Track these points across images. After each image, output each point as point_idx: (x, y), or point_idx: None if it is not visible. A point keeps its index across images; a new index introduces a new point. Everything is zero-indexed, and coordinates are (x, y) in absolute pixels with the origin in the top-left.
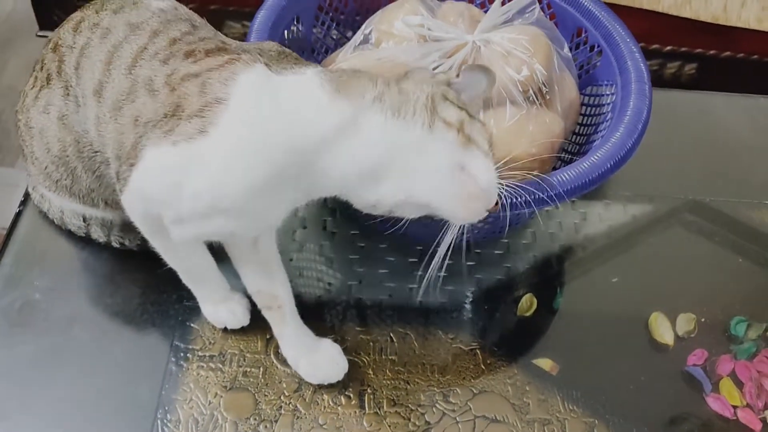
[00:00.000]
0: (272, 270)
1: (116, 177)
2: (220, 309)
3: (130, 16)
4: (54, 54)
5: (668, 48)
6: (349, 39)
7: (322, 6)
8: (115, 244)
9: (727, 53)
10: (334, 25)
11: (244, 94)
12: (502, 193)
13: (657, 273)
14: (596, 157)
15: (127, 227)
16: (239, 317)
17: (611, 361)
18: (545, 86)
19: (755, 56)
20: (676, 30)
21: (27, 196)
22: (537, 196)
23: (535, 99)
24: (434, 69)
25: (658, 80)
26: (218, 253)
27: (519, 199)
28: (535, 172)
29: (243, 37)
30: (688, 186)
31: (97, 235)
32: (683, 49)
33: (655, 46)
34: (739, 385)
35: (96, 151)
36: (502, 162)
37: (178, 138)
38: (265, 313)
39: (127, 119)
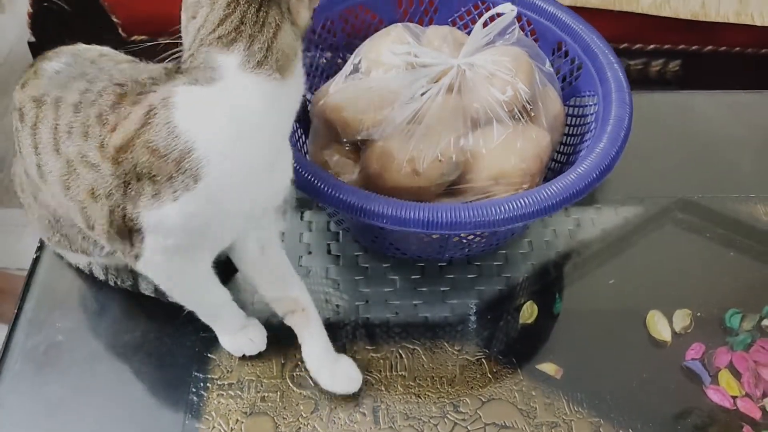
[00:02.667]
0: (286, 274)
1: (121, 252)
2: (238, 338)
3: (32, 89)
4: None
5: (651, 47)
6: (338, 61)
7: (312, 33)
8: (111, 284)
9: (710, 47)
10: (324, 50)
11: (199, 130)
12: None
13: (651, 272)
14: (583, 168)
15: (123, 268)
16: (257, 343)
17: (612, 360)
18: (529, 103)
19: (737, 48)
20: (658, 29)
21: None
22: (529, 210)
23: (521, 116)
24: (422, 94)
25: (644, 79)
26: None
27: (513, 214)
28: (525, 186)
29: None
30: (676, 185)
31: (98, 273)
32: (666, 46)
33: (638, 45)
34: (737, 375)
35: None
36: (493, 179)
37: (175, 194)
38: (289, 320)
39: (82, 194)
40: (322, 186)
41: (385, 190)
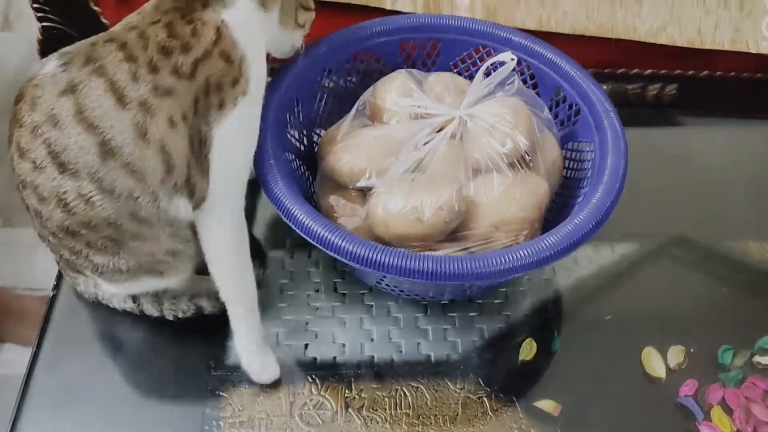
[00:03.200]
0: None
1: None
2: (260, 357)
3: (48, 96)
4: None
5: (648, 71)
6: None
7: (318, 86)
8: (169, 317)
9: (706, 72)
10: (330, 97)
11: (243, 40)
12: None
13: (647, 308)
14: (579, 219)
15: (179, 295)
16: (273, 370)
17: (609, 397)
18: (528, 154)
19: (732, 73)
20: (655, 55)
21: (59, 277)
22: (528, 262)
23: (520, 166)
24: (425, 144)
25: (641, 102)
26: None
27: (513, 265)
28: (525, 232)
29: None
30: (671, 222)
31: (150, 311)
32: (663, 71)
33: (635, 70)
34: (729, 412)
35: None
36: (494, 226)
37: (236, 99)
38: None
39: (161, 129)
40: (329, 237)
41: (390, 237)
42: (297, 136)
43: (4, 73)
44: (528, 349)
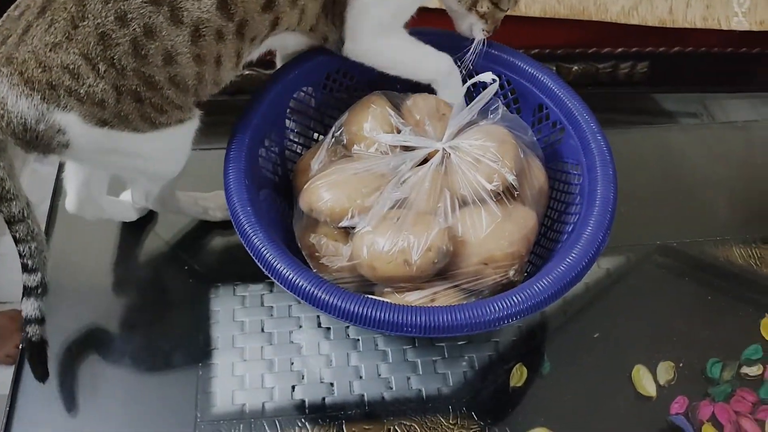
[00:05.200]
0: None
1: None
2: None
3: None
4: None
5: (620, 50)
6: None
7: (290, 111)
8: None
9: (677, 49)
10: (300, 117)
11: None
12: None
13: (634, 322)
14: (572, 257)
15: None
16: None
17: (601, 419)
18: (515, 187)
19: (703, 49)
20: (627, 34)
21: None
22: (520, 308)
23: (506, 199)
24: (405, 179)
25: (612, 80)
26: None
27: (508, 312)
28: (515, 266)
29: None
30: (654, 232)
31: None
32: (634, 49)
33: (606, 49)
34: (720, 427)
35: None
36: (483, 263)
37: None
38: None
39: None
40: (310, 290)
41: (377, 279)
42: (271, 169)
43: None
44: (518, 375)
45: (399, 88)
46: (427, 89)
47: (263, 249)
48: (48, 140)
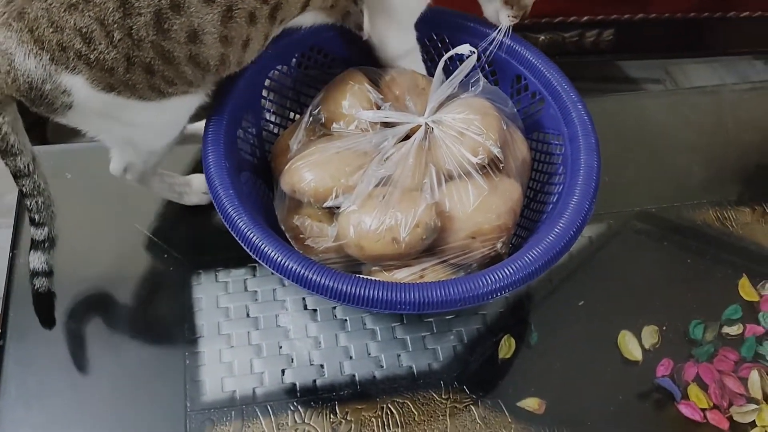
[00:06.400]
0: None
1: None
2: None
3: None
4: None
5: (585, 18)
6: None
7: (266, 91)
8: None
9: (641, 15)
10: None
11: None
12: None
13: (617, 288)
14: (559, 228)
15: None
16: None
17: (590, 385)
18: (499, 159)
19: (666, 15)
20: (592, 2)
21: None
22: (512, 280)
23: (491, 172)
24: (389, 156)
25: (579, 49)
26: None
27: (500, 284)
28: (503, 238)
29: None
30: (631, 198)
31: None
32: (600, 17)
33: (572, 18)
34: (705, 387)
35: None
36: (471, 236)
37: None
38: None
39: None
40: (301, 272)
41: (365, 258)
42: (250, 151)
43: None
44: (507, 347)
45: (376, 63)
46: None
47: (249, 232)
48: (52, 100)
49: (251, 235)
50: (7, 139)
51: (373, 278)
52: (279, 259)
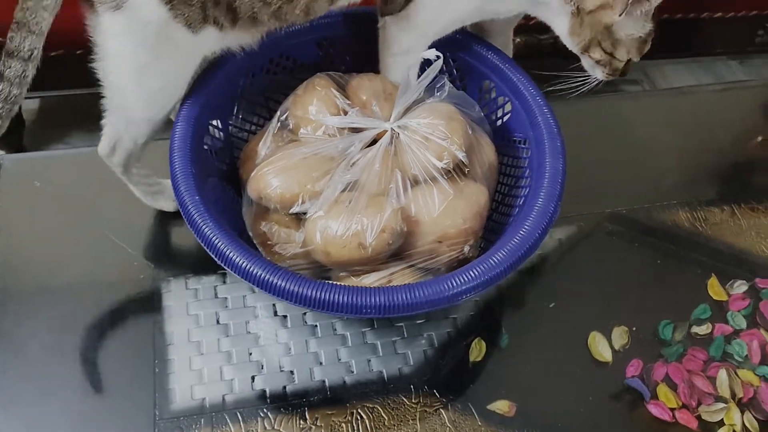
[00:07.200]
0: None
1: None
2: None
3: None
4: None
5: None
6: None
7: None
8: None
9: None
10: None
11: None
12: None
13: (588, 290)
14: (524, 230)
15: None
16: None
17: (560, 387)
18: (465, 164)
19: None
20: None
21: None
22: (476, 282)
23: (457, 176)
24: (355, 161)
25: (555, 51)
26: None
27: (466, 287)
28: (470, 242)
29: None
30: (603, 200)
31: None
32: None
33: None
34: (674, 387)
35: None
36: (438, 241)
37: None
38: None
39: None
40: (267, 278)
41: (331, 264)
42: (218, 157)
43: None
44: (478, 350)
45: (344, 69)
46: (373, 69)
47: (215, 238)
48: None
49: (216, 240)
50: (35, 15)
51: (339, 283)
52: (244, 264)
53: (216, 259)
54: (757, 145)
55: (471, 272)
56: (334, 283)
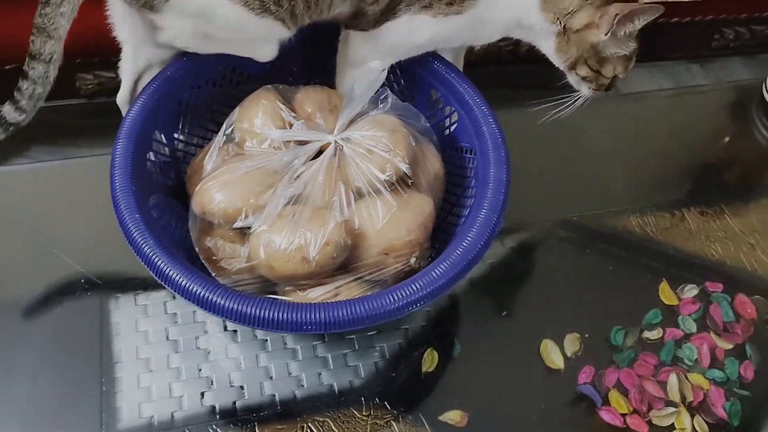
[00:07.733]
0: None
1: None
2: None
3: None
4: None
5: None
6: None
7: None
8: None
9: None
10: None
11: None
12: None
13: (540, 297)
14: (467, 242)
15: None
16: None
17: (513, 396)
18: (409, 176)
19: None
20: None
21: None
22: (418, 296)
23: (401, 188)
24: (299, 175)
25: (514, 58)
26: None
27: (408, 300)
28: (415, 254)
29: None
30: (554, 207)
31: None
32: None
33: None
34: (625, 392)
35: None
36: (383, 253)
37: (436, 13)
38: None
39: None
40: (205, 295)
41: (276, 278)
42: (163, 172)
43: None
44: (430, 360)
45: (291, 81)
46: (321, 81)
47: (154, 257)
48: None
49: (155, 258)
50: (55, 20)
51: (280, 299)
52: (183, 282)
53: (156, 278)
54: (708, 149)
55: (413, 285)
56: (276, 298)
